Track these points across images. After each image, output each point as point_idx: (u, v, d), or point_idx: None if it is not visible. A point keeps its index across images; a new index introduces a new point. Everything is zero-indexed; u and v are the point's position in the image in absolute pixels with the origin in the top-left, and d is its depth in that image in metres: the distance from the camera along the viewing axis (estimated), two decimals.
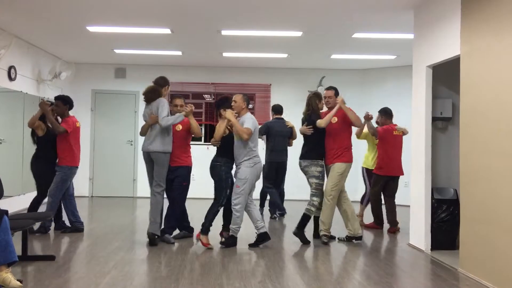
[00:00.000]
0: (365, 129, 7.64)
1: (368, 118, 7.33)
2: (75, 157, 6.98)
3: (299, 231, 6.49)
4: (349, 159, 6.49)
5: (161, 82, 6.54)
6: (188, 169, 6.54)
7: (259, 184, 7.28)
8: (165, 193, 6.45)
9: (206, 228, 6.13)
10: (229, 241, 6.18)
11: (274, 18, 7.22)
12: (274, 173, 8.15)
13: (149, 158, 6.35)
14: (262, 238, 6.25)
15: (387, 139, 7.58)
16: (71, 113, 7.11)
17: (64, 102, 7.00)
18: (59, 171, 6.84)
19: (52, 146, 6.90)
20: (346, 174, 6.50)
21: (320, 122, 6.41)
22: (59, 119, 7.03)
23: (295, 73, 11.30)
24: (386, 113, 7.80)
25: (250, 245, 6.24)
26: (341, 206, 6.58)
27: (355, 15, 6.96)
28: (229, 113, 6.09)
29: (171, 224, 6.49)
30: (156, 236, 6.25)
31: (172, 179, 6.43)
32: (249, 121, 6.10)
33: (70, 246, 6.33)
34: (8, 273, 4.29)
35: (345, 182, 6.53)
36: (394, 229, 7.51)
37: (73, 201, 7.10)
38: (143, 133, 6.47)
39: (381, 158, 7.62)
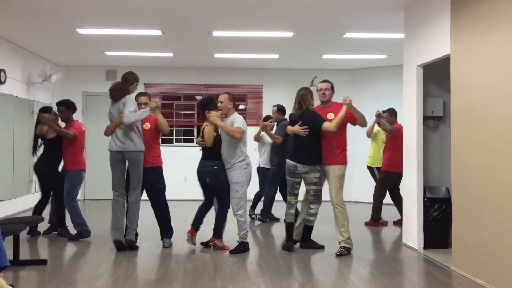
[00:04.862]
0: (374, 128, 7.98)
1: (380, 116, 7.60)
2: (83, 160, 7.00)
3: (306, 242, 6.18)
4: (346, 160, 6.12)
5: (131, 79, 6.17)
6: (159, 169, 6.28)
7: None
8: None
9: (219, 232, 6.06)
10: (239, 248, 5.92)
11: (265, 19, 7.21)
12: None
13: (121, 159, 6.13)
14: (242, 247, 5.95)
15: (400, 137, 7.61)
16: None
17: (68, 107, 7.00)
18: (68, 176, 6.78)
19: (59, 150, 6.84)
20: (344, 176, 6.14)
21: (329, 126, 5.81)
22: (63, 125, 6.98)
23: (287, 74, 11.29)
24: (393, 113, 8.00)
25: (231, 252, 5.93)
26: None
27: (346, 15, 6.97)
28: (213, 117, 5.81)
29: (169, 228, 6.34)
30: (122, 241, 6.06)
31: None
32: (240, 121, 5.90)
33: (62, 250, 6.29)
34: (0, 278, 4.26)
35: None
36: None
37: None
38: (109, 133, 6.16)
39: (395, 155, 7.55)
